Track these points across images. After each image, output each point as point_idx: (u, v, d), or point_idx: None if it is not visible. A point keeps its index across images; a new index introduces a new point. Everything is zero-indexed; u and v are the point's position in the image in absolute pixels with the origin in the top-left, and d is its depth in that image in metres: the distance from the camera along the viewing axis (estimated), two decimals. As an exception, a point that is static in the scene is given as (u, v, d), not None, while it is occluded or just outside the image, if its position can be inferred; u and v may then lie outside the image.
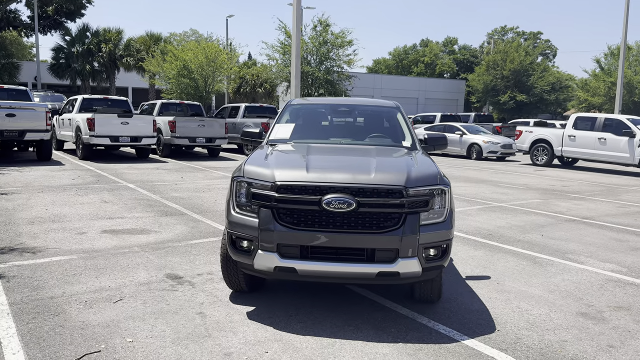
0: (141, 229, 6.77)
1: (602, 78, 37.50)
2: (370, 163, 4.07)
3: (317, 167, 3.89)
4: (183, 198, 9.16)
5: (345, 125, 5.47)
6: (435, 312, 4.19)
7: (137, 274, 4.93)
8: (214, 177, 12.28)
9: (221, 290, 4.53)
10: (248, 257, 3.84)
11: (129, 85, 44.76)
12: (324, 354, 3.42)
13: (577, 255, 6.13)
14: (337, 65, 34.10)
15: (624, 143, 15.88)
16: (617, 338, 3.82)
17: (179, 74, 29.68)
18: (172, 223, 7.15)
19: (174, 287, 4.58)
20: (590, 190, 12.23)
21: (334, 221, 3.67)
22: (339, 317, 4.03)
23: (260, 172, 3.89)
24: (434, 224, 3.81)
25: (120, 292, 4.42)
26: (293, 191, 3.71)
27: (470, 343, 3.64)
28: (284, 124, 5.29)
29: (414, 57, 65.32)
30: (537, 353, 3.53)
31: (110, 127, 14.62)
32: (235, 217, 3.90)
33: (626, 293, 4.84)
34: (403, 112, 5.50)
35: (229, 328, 3.77)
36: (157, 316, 3.94)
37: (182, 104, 19.26)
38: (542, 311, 4.30)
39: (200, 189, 10.36)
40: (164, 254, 5.63)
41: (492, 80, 46.11)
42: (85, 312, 3.98)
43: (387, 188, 3.69)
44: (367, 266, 3.69)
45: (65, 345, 3.41)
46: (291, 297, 4.43)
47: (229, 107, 20.78)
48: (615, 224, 8.17)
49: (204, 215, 7.74)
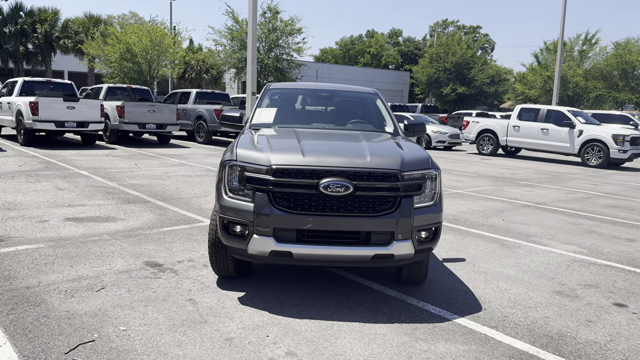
0: (106, 216, 6.51)
1: (539, 72, 39.27)
2: (363, 147, 4.09)
3: (313, 151, 3.88)
4: (142, 185, 8.86)
5: (327, 111, 5.47)
6: (422, 293, 4.30)
7: (114, 262, 4.74)
8: (170, 165, 11.95)
9: (207, 277, 4.44)
10: (242, 241, 3.79)
11: (66, 69, 42.54)
12: (325, 335, 3.44)
13: (540, 238, 6.44)
14: (286, 53, 33.89)
15: (565, 133, 16.76)
16: (592, 314, 4.07)
17: (122, 57, 28.54)
18: (138, 210, 6.92)
19: (156, 275, 4.45)
20: (537, 178, 12.84)
21: (331, 205, 3.68)
22: (331, 300, 4.05)
23: (254, 156, 3.83)
24: (426, 207, 3.90)
25: (100, 281, 4.24)
26: (289, 175, 3.68)
27: (462, 322, 3.77)
28: (266, 108, 5.22)
29: (360, 48, 65.92)
30: (525, 329, 3.70)
31: (54, 111, 13.89)
32: (228, 201, 3.83)
33: (592, 272, 5.15)
34: (383, 99, 5.57)
35: (224, 314, 3.71)
36: (145, 304, 3.82)
37: (129, 88, 18.55)
38: (521, 290, 4.51)
39: (158, 176, 10.06)
40: (137, 241, 5.44)
41: (435, 73, 47.29)
42: (68, 301, 3.80)
43: (382, 172, 3.73)
44: (362, 249, 3.73)
45: (54, 336, 3.25)
46: (280, 282, 4.41)
47: (179, 92, 20.21)
48: (567, 209, 8.64)
49: (169, 202, 7.53)
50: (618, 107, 37.73)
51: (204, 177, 10.13)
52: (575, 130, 16.54)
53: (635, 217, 8.23)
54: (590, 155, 16.34)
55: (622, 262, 5.57)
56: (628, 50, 36.31)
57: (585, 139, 16.36)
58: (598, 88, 36.72)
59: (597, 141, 16.14)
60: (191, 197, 8.04)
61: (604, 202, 9.60)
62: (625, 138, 15.74)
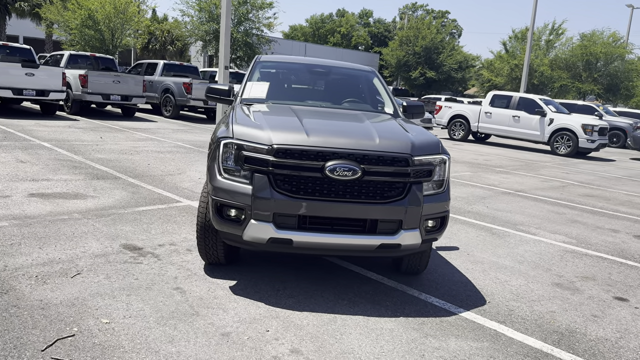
0: (74, 193, 6.03)
1: (507, 60, 39.69)
2: (369, 129, 3.81)
3: (317, 131, 3.57)
4: (110, 160, 8.34)
5: (322, 88, 5.13)
6: (422, 284, 4.10)
7: (88, 244, 4.34)
8: (138, 139, 11.36)
9: (192, 263, 4.10)
10: (237, 227, 3.47)
11: (21, 34, 40.28)
12: (329, 330, 3.19)
13: (527, 227, 6.35)
14: (256, 27, 33.06)
15: (536, 121, 16.91)
16: (596, 308, 3.96)
17: (83, 24, 27.12)
18: (108, 187, 6.45)
19: (136, 260, 4.08)
20: (511, 165, 12.89)
21: (337, 190, 3.40)
22: (329, 291, 3.80)
23: (253, 134, 3.49)
24: (435, 194, 3.67)
25: (75, 265, 3.85)
26: (293, 156, 3.37)
27: (468, 315, 3.58)
28: (257, 82, 4.84)
29: (330, 27, 65.13)
30: (534, 324, 3.55)
31: (12, 78, 12.96)
32: (223, 182, 3.49)
33: (585, 264, 5.07)
34: (380, 77, 5.27)
35: (217, 305, 3.40)
36: (128, 293, 3.47)
37: (93, 56, 17.57)
38: (521, 282, 4.37)
39: (126, 150, 9.52)
40: (111, 222, 5.03)
41: (405, 56, 47.16)
42: (40, 288, 3.40)
43: (392, 156, 3.46)
44: (368, 238, 3.48)
45: (28, 330, 2.87)
46: (272, 269, 4.11)
47: (145, 63, 19.30)
48: (546, 197, 8.63)
49: (141, 180, 7.08)
50: (580, 98, 38.60)
51: (176, 154, 9.65)
52: (546, 118, 16.70)
53: (613, 207, 8.29)
54: (559, 144, 16.57)
55: (612, 253, 5.53)
56: (593, 42, 37.05)
57: (555, 127, 16.55)
58: (562, 78, 37.42)
59: (567, 130, 16.35)
60: (164, 174, 7.60)
61: (580, 191, 9.67)
62: (594, 128, 16.00)
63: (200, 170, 8.10)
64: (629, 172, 13.73)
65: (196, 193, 6.54)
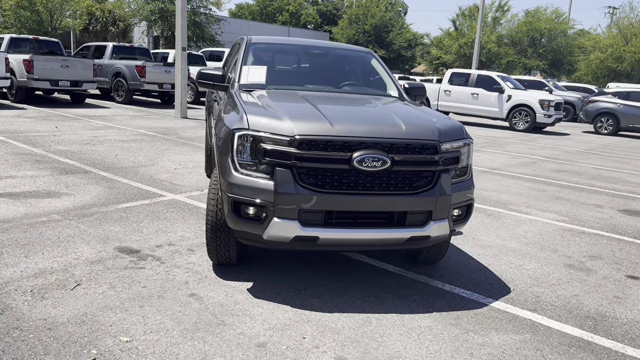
0: (46, 190, 5.53)
1: (456, 37, 40.24)
2: (390, 114, 3.60)
3: (339, 118, 3.31)
4: (74, 152, 7.76)
5: (322, 71, 4.83)
6: (442, 274, 3.97)
7: (79, 249, 3.94)
8: (96, 128, 10.68)
9: (199, 265, 3.80)
10: (257, 226, 3.20)
11: (-55, 15, 37.27)
12: (367, 333, 3.00)
13: (518, 206, 6.36)
14: (203, 6, 31.94)
15: (494, 98, 17.17)
16: (615, 289, 3.95)
17: (18, 5, 25.46)
18: (81, 183, 5.96)
19: (137, 265, 3.73)
20: (476, 142, 13.00)
21: (364, 182, 3.18)
22: (352, 287, 3.60)
23: (272, 124, 3.20)
24: (460, 182, 3.52)
25: (71, 275, 3.47)
26: (318, 147, 3.11)
27: (499, 305, 3.48)
28: (253, 66, 4.50)
29: (278, 5, 63.87)
30: (564, 311, 3.49)
31: (-52, 64, 11.88)
32: (240, 178, 3.19)
33: (586, 242, 5.10)
34: (378, 58, 5.04)
35: (240, 311, 3.14)
36: (140, 303, 3.14)
37: (36, 39, 16.37)
38: (535, 266, 4.32)
39: (88, 141, 8.90)
40: (96, 222, 4.62)
41: (355, 35, 46.95)
42: (40, 305, 3.03)
43: (421, 143, 3.27)
44: (397, 231, 3.29)
45: (39, 356, 2.53)
46: (284, 267, 3.87)
47: (92, 46, 18.20)
48: (522, 174, 8.73)
49: (114, 173, 6.60)
50: (527, 73, 39.75)
51: (141, 142, 9.11)
52: (504, 95, 16.98)
53: (587, 181, 8.47)
54: (517, 120, 16.92)
55: (606, 230, 5.60)
56: (537, 18, 38.09)
57: (513, 103, 16.87)
58: (509, 54, 38.35)
59: (524, 106, 16.70)
60: (136, 165, 7.13)
61: (551, 166, 9.86)
62: (550, 103, 16.41)
63: (173, 160, 7.67)
64: (588, 146, 14.19)
65: (177, 185, 6.15)
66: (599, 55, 35.65)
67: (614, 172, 9.78)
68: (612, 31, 38.40)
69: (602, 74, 36.12)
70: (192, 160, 7.81)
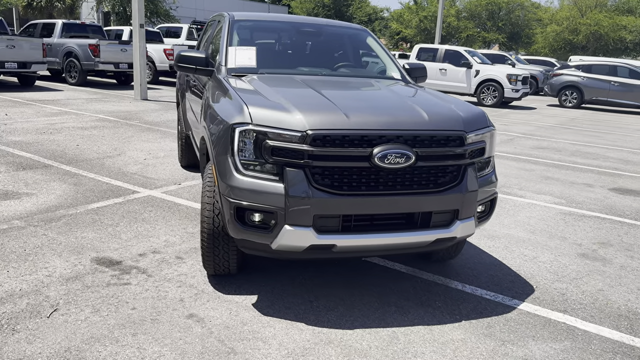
0: (2, 191, 4.91)
1: (416, 11, 40.00)
2: (406, 101, 3.22)
3: (354, 109, 2.90)
4: (30, 143, 7.05)
5: (316, 51, 4.36)
6: (458, 273, 3.67)
7: (50, 263, 3.43)
8: (50, 114, 9.85)
9: (192, 276, 3.35)
10: (264, 234, 2.78)
11: None
12: (398, 352, 2.66)
13: (511, 189, 6.14)
14: (156, -22, 30.40)
15: (462, 74, 17.02)
16: (637, 280, 3.76)
17: (-48, -21, 23.38)
18: (42, 180, 5.35)
19: (121, 280, 3.26)
20: (450, 119, 12.83)
21: (385, 180, 2.81)
22: (367, 295, 3.25)
23: (278, 117, 2.76)
24: (485, 175, 3.19)
25: (45, 298, 2.97)
26: (334, 143, 2.71)
27: (527, 308, 3.21)
28: (240, 47, 3.99)
29: (233, -22, 61.84)
30: (594, 309, 3.25)
31: None
32: (243, 181, 2.76)
33: (591, 227, 4.91)
34: (374, 36, 4.61)
35: (251, 334, 2.74)
36: (133, 331, 2.69)
37: (-25, 18, 15.05)
38: (548, 257, 4.08)
39: (43, 129, 8.15)
40: (66, 228, 4.08)
41: (315, 8, 46.17)
42: (12, 341, 2.54)
43: (447, 134, 2.91)
44: (422, 233, 2.94)
45: (19, 414, 2.07)
46: (287, 274, 3.47)
47: (40, 24, 16.92)
48: (504, 153, 8.55)
49: (78, 166, 5.99)
50: (486, 47, 40.01)
51: (103, 129, 8.43)
52: (472, 70, 16.85)
53: (568, 158, 8.38)
54: (485, 95, 16.84)
55: (605, 211, 5.45)
56: (496, -8, 38.21)
57: (481, 78, 16.76)
58: (469, 28, 38.45)
59: (492, 81, 16.62)
60: (101, 157, 6.52)
61: (529, 143, 9.75)
62: (517, 78, 16.38)
63: (141, 149, 7.07)
64: (558, 120, 14.25)
65: (150, 179, 5.61)
66: (556, 28, 36.17)
67: (591, 147, 9.76)
68: (565, 3, 38.90)
69: (558, 46, 36.72)
70: (161, 148, 7.23)
